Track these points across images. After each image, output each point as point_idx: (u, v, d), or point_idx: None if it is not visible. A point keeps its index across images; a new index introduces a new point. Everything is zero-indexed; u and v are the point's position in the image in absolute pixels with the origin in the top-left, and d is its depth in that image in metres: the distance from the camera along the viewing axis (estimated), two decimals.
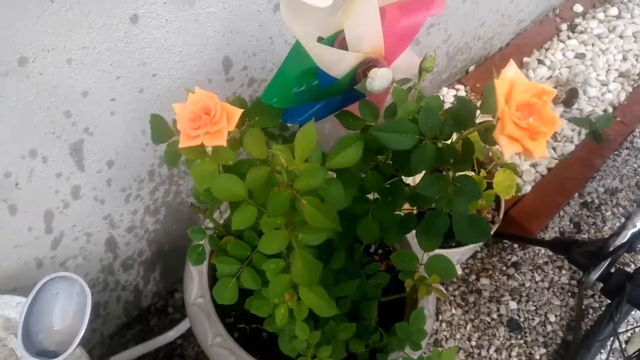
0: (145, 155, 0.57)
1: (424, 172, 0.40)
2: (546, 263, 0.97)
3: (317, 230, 0.39)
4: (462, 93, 1.12)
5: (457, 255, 0.90)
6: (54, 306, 0.36)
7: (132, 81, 0.48)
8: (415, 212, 0.49)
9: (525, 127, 0.32)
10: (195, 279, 0.61)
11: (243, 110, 0.40)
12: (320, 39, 0.43)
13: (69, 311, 0.36)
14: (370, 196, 0.47)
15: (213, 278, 0.60)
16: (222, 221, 0.60)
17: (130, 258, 0.68)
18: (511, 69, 0.34)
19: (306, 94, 0.43)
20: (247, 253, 0.49)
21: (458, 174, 0.40)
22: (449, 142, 0.39)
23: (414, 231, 0.45)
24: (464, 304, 0.93)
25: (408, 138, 0.38)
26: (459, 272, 1.00)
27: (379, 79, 0.39)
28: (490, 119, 0.35)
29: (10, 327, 0.48)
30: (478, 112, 0.38)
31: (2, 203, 0.46)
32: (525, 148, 0.32)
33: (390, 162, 0.46)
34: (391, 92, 0.42)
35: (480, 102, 0.37)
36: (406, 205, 0.48)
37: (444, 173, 0.40)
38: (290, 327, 0.51)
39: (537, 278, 0.95)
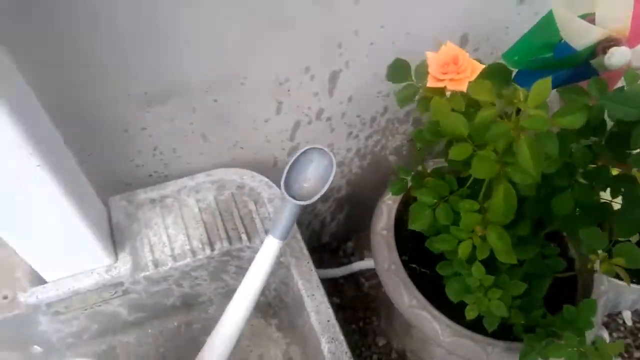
0: (374, 101, 0.68)
1: None
2: None
3: (524, 171, 0.44)
4: None
5: (635, 294, 0.85)
6: (307, 169, 0.48)
7: (390, 34, 0.59)
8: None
9: None
10: (384, 214, 0.70)
11: (484, 66, 0.48)
12: None
13: (316, 176, 0.47)
14: None
15: (397, 219, 0.69)
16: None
17: (330, 189, 0.81)
18: None
19: (541, 62, 0.49)
20: (445, 193, 0.56)
21: None
22: None
23: None
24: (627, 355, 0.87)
25: (635, 111, 0.41)
26: (629, 321, 0.94)
27: (617, 56, 0.43)
28: None
29: (253, 194, 0.63)
30: None
31: (275, 102, 0.61)
32: None
33: (604, 144, 0.49)
34: (624, 76, 0.46)
35: None
36: None
37: None
38: (463, 270, 0.57)
39: None
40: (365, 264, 0.92)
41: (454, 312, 0.62)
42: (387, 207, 0.71)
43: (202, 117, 0.59)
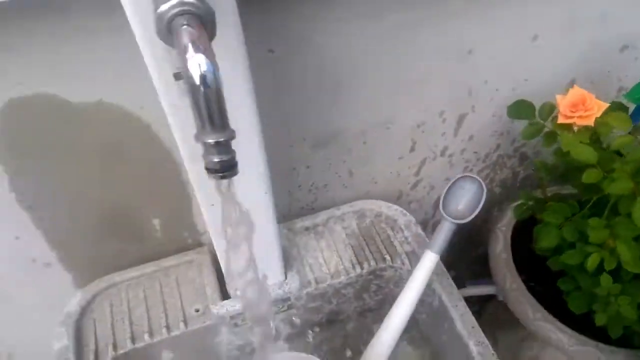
0: (489, 139, 0.78)
1: None
2: None
3: None
4: None
5: None
6: (459, 193, 0.58)
7: (512, 81, 0.70)
8: None
9: None
10: (501, 239, 0.79)
11: (609, 104, 0.58)
12: None
13: (467, 199, 0.58)
14: None
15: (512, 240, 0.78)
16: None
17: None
18: None
19: None
20: (569, 214, 0.65)
21: None
22: None
23: None
24: None
25: None
26: None
27: None
28: None
29: (390, 221, 0.73)
30: None
31: (410, 142, 0.72)
32: None
33: None
34: None
35: None
36: None
37: None
38: (588, 282, 0.65)
39: None
40: (476, 290, 0.99)
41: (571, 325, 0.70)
42: (502, 232, 0.80)
43: (353, 157, 0.70)
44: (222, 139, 0.26)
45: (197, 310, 0.67)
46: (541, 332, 0.70)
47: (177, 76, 0.36)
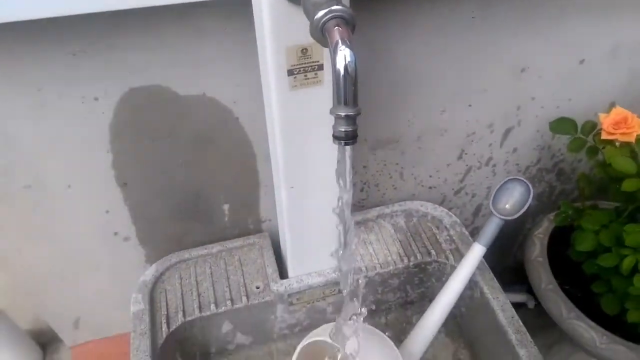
0: (531, 153, 0.85)
1: None
2: None
3: None
4: None
5: None
6: (506, 193, 0.65)
7: (557, 99, 0.77)
8: None
9: None
10: (537, 245, 0.85)
11: None
12: None
13: (514, 199, 0.64)
14: None
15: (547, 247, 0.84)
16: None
17: (477, 229, 0.97)
18: None
19: None
20: (605, 221, 0.71)
21: None
22: None
23: None
24: None
25: None
26: None
27: None
28: None
29: (435, 221, 0.80)
30: None
31: (459, 150, 0.79)
32: None
33: None
34: None
35: None
36: None
37: None
38: (623, 284, 0.71)
39: None
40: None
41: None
42: (539, 239, 0.86)
43: (406, 160, 0.78)
44: (351, 113, 0.34)
45: (258, 287, 0.74)
46: (574, 330, 0.76)
47: (289, 72, 0.44)
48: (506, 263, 1.09)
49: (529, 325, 0.69)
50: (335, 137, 0.35)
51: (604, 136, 0.65)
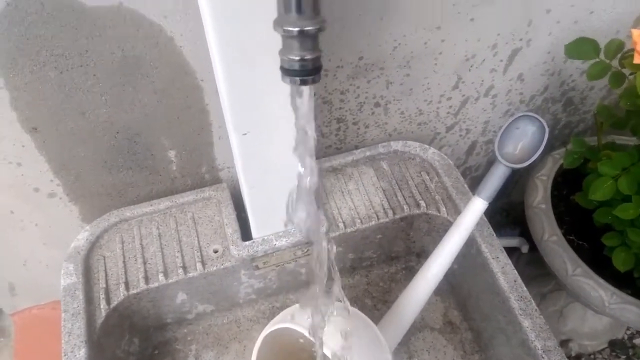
0: (538, 80, 0.71)
1: None
2: None
3: None
4: None
5: None
6: (517, 136, 0.52)
7: (576, 12, 0.62)
8: None
9: None
10: (540, 189, 0.74)
11: None
12: None
13: (525, 142, 0.51)
14: None
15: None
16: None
17: (471, 169, 0.85)
18: None
19: None
20: (627, 164, 0.59)
21: None
22: None
23: None
24: None
25: None
26: None
27: None
28: None
29: (425, 165, 0.67)
30: None
31: (455, 77, 0.65)
32: None
33: None
34: None
35: None
36: None
37: None
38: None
39: None
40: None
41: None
42: (542, 182, 0.74)
43: (392, 91, 0.63)
44: (309, 28, 0.19)
45: (216, 251, 0.62)
46: (580, 288, 0.66)
47: None
48: (500, 201, 0.99)
49: (521, 271, 0.59)
50: (286, 71, 0.20)
51: (637, 60, 0.52)
